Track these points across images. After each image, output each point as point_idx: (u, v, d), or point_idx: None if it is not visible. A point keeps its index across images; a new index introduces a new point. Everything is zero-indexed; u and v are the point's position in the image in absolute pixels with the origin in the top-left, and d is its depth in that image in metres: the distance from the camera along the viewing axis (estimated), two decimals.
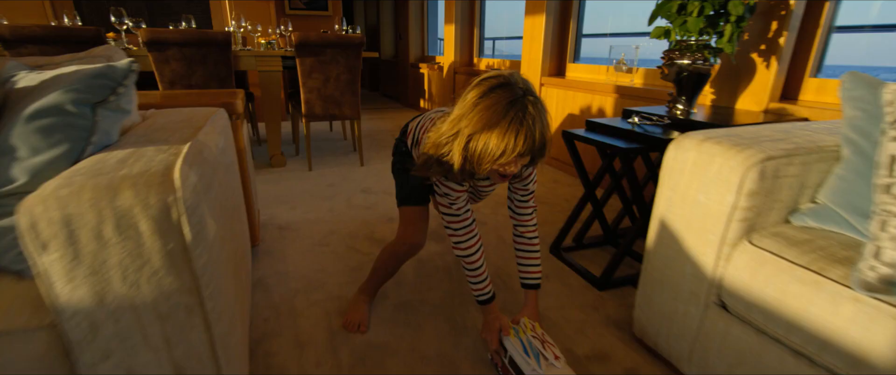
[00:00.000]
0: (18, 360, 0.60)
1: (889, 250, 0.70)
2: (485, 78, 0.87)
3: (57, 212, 0.55)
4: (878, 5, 1.69)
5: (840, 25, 1.64)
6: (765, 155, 0.85)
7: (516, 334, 1.01)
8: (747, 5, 1.36)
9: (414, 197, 1.16)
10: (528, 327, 1.03)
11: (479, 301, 1.08)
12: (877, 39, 1.77)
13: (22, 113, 0.71)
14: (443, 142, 0.89)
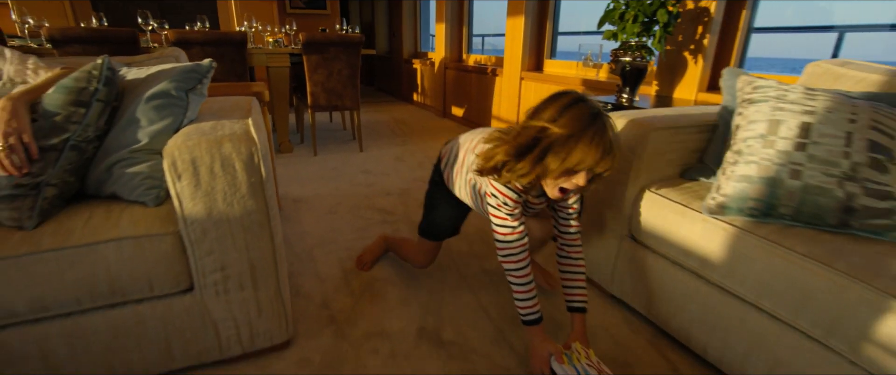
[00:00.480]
0: (154, 255, 0.94)
1: (724, 186, 1.06)
2: (563, 93, 0.91)
3: (187, 155, 0.89)
4: (794, 7, 2.05)
5: (759, 27, 2.00)
6: (654, 126, 1.20)
7: (570, 361, 0.94)
8: (672, 13, 1.71)
9: (434, 234, 1.31)
10: (582, 353, 0.95)
11: (525, 321, 1.03)
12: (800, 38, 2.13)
13: (142, 96, 1.04)
14: (521, 148, 0.89)
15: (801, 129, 1.01)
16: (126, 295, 0.94)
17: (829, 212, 0.95)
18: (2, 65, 1.13)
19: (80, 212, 0.98)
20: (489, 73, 3.78)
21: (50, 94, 0.97)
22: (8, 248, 0.85)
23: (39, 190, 0.94)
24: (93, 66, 1.00)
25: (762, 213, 1.01)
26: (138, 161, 1.02)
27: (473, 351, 1.17)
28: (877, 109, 1.01)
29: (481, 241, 1.81)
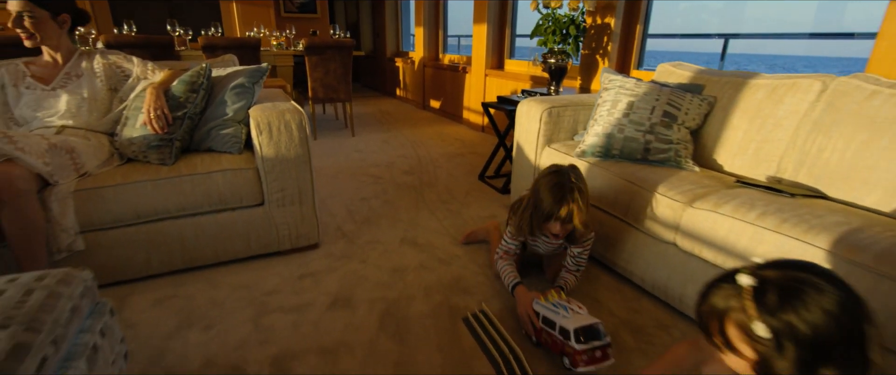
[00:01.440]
0: (243, 180, 1.58)
1: (586, 141, 1.75)
2: (550, 166, 1.36)
3: (265, 120, 1.53)
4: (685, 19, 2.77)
5: (654, 34, 2.71)
6: (550, 105, 1.89)
7: (546, 299, 1.23)
8: (580, 28, 2.40)
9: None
10: (553, 295, 1.24)
11: (510, 287, 1.39)
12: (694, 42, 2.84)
13: (227, 86, 1.67)
14: (524, 203, 1.40)
15: (628, 105, 1.71)
16: (227, 205, 1.59)
17: (637, 151, 1.65)
18: (131, 68, 1.75)
19: (195, 158, 1.61)
20: (461, 71, 4.44)
21: (175, 85, 1.60)
22: (162, 174, 1.49)
23: (172, 143, 1.57)
24: (200, 68, 1.64)
25: (603, 154, 1.70)
26: (227, 126, 1.66)
27: (436, 248, 1.84)
28: (672, 93, 1.71)
29: (447, 191, 2.47)
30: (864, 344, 0.53)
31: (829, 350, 0.52)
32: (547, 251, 1.56)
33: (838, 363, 0.52)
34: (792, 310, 0.54)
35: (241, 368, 1.16)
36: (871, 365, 0.53)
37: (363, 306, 1.43)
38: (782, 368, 0.54)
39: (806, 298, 0.53)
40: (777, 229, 1.12)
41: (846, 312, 0.53)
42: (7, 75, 1.61)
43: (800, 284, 0.55)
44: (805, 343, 0.53)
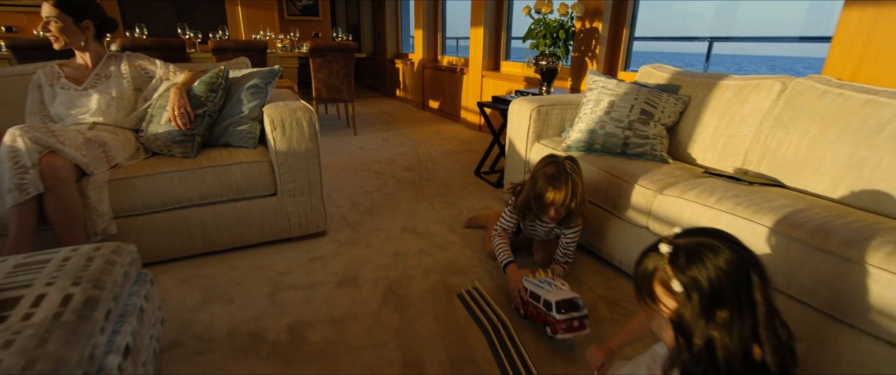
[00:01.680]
0: (258, 172, 1.74)
1: (571, 136, 1.91)
2: (548, 156, 1.49)
3: (278, 116, 1.69)
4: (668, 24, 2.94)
5: (641, 37, 2.87)
6: (539, 104, 2.05)
7: (534, 276, 1.38)
8: (569, 32, 2.56)
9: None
10: (541, 273, 1.39)
11: (503, 264, 1.53)
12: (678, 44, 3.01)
13: (242, 86, 1.83)
14: (525, 187, 1.53)
15: (609, 104, 1.87)
16: (243, 194, 1.74)
17: (616, 146, 1.81)
18: (155, 70, 1.91)
19: (215, 152, 1.77)
20: (459, 72, 4.60)
21: (196, 86, 1.76)
22: (185, 166, 1.65)
23: (194, 138, 1.73)
24: (219, 70, 1.79)
25: (586, 149, 1.86)
26: (242, 123, 1.82)
27: (434, 235, 1.99)
28: (650, 92, 1.87)
29: (444, 186, 2.63)
30: (751, 289, 0.68)
31: (722, 296, 0.68)
32: (541, 235, 1.71)
33: (730, 305, 0.68)
34: (695, 269, 0.69)
35: (261, 335, 1.31)
36: (756, 304, 0.68)
37: (368, 284, 1.59)
38: (690, 313, 0.70)
39: (705, 258, 0.69)
40: (732, 211, 1.28)
41: (734, 266, 0.68)
42: (44, 76, 1.76)
43: (701, 248, 0.70)
44: (705, 292, 0.68)
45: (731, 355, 0.67)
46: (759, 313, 0.68)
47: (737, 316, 0.67)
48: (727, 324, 0.67)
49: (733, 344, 0.67)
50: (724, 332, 0.67)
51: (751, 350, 0.68)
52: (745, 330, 0.67)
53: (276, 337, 1.30)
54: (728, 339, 0.67)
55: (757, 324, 0.68)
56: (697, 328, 0.69)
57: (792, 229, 1.14)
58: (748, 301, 0.68)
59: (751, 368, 0.69)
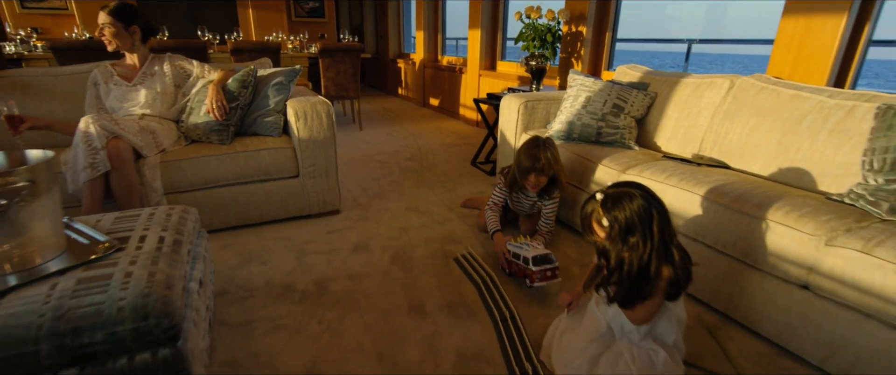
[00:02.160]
0: (283, 157, 2.02)
1: (553, 127, 2.20)
2: (529, 137, 1.83)
3: (301, 108, 1.98)
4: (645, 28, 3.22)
5: (624, 38, 3.16)
6: (526, 100, 2.34)
7: (515, 240, 1.66)
8: (555, 35, 2.84)
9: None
10: (520, 238, 1.66)
11: (491, 232, 1.84)
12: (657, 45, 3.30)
13: (269, 83, 2.12)
14: (512, 165, 1.85)
15: (586, 99, 2.15)
16: (270, 176, 2.03)
17: (591, 135, 2.10)
18: (192, 69, 2.20)
19: (246, 139, 2.06)
20: (457, 71, 4.89)
21: (230, 83, 2.05)
22: (222, 151, 1.93)
23: (229, 127, 2.02)
24: (249, 70, 2.08)
25: (565, 137, 2.15)
26: (269, 115, 2.11)
27: (434, 214, 2.28)
28: (622, 89, 2.16)
29: (443, 174, 2.92)
30: (652, 224, 0.97)
31: (632, 228, 0.97)
32: (526, 209, 2.00)
33: (638, 234, 0.97)
34: (617, 209, 0.98)
35: (293, 286, 1.60)
36: (654, 234, 0.97)
37: (378, 251, 1.88)
38: (611, 240, 0.99)
39: (624, 203, 0.98)
40: (677, 185, 1.56)
41: (642, 209, 0.97)
42: (100, 75, 2.05)
43: (622, 196, 0.99)
44: (622, 225, 0.98)
45: (633, 269, 0.97)
46: (656, 240, 0.97)
47: (641, 242, 0.97)
48: (634, 247, 0.97)
49: (636, 261, 0.96)
50: (632, 253, 0.97)
51: (649, 266, 0.98)
52: (645, 253, 0.96)
53: (305, 288, 1.59)
54: (634, 258, 0.97)
55: (653, 248, 0.97)
56: (615, 250, 0.98)
57: (720, 197, 1.43)
58: (650, 232, 0.97)
59: (646, 279, 0.98)
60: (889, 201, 1.27)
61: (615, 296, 1.03)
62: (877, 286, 1.06)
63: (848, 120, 1.51)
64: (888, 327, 1.07)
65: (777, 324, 1.29)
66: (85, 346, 0.83)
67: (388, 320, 1.42)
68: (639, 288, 1.00)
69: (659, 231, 0.98)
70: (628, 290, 1.01)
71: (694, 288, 1.54)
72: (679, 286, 1.01)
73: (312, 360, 1.24)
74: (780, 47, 1.96)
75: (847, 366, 1.15)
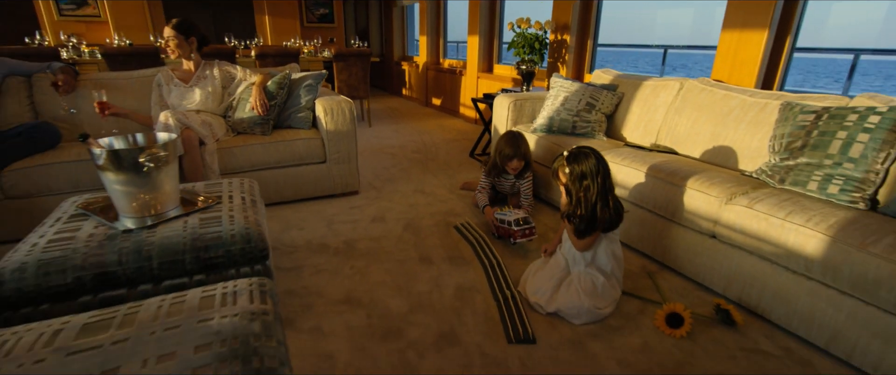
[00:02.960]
0: (313, 145, 2.46)
1: (537, 122, 2.63)
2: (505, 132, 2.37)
3: (328, 105, 2.42)
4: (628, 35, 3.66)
5: (602, 43, 3.59)
6: (515, 99, 2.78)
7: (500, 209, 2.09)
8: (543, 43, 3.28)
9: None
10: (505, 209, 2.08)
11: (481, 207, 2.30)
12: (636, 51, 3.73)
13: (300, 85, 2.56)
14: (492, 154, 2.37)
15: (564, 98, 2.59)
16: (303, 161, 2.47)
17: (567, 128, 2.53)
18: (236, 73, 2.64)
19: (283, 131, 2.50)
20: (458, 74, 5.32)
21: (269, 84, 2.49)
22: (264, 140, 2.37)
23: (269, 121, 2.46)
24: (285, 74, 2.52)
25: (546, 130, 2.58)
26: (301, 111, 2.55)
27: (437, 195, 2.71)
28: (595, 90, 2.59)
29: (445, 164, 3.35)
30: (597, 175, 1.42)
31: (585, 175, 1.42)
32: (507, 189, 2.44)
33: (589, 180, 1.41)
34: (575, 163, 1.43)
35: (327, 244, 2.04)
36: (599, 182, 1.41)
37: (392, 221, 2.31)
38: (572, 183, 1.44)
39: (581, 158, 1.43)
40: (628, 165, 1.99)
41: (593, 164, 1.42)
42: (162, 77, 2.49)
43: (581, 154, 1.45)
44: (577, 173, 1.42)
45: (589, 204, 1.41)
46: (599, 186, 1.42)
47: (591, 185, 1.41)
48: (586, 189, 1.41)
49: (588, 199, 1.41)
50: (585, 193, 1.41)
51: (596, 206, 1.42)
52: (592, 194, 1.41)
53: (337, 246, 2.03)
54: (589, 196, 1.41)
55: (598, 192, 1.42)
56: (574, 189, 1.43)
57: (656, 172, 1.86)
58: (596, 179, 1.41)
59: (594, 217, 1.43)
60: (780, 174, 1.70)
61: (577, 227, 1.47)
62: (756, 231, 1.49)
63: (761, 114, 1.94)
64: (764, 260, 1.50)
65: (694, 265, 1.73)
66: (211, 259, 1.26)
67: (403, 266, 1.86)
68: (589, 223, 1.44)
69: (602, 180, 1.42)
70: (586, 223, 1.45)
71: (639, 244, 1.97)
72: (613, 223, 1.45)
73: (349, 291, 1.68)
74: (721, 55, 2.39)
75: (738, 290, 1.59)
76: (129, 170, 1.28)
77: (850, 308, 1.30)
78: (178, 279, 1.24)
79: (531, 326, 1.47)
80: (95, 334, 0.81)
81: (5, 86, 2.28)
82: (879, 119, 1.54)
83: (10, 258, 1.14)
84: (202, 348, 0.77)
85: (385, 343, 1.40)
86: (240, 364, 0.74)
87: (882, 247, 1.22)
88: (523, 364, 1.32)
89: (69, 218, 1.35)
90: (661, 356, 1.36)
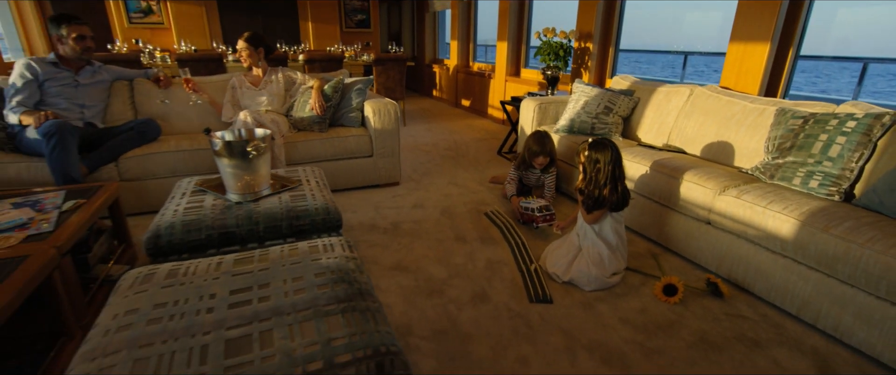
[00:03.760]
0: (362, 141, 2.84)
1: (560, 123, 2.94)
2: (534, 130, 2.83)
3: (376, 107, 2.80)
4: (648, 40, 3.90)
5: (625, 49, 3.86)
6: (540, 102, 3.09)
7: (525, 199, 2.43)
8: (567, 50, 3.57)
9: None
10: (529, 199, 2.40)
11: (508, 196, 2.64)
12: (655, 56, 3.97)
13: (351, 88, 2.95)
14: (521, 150, 2.79)
15: (585, 102, 2.89)
16: (353, 155, 2.86)
17: (588, 129, 2.83)
18: (296, 77, 3.05)
19: (337, 129, 2.89)
20: (486, 77, 5.65)
21: (325, 88, 2.88)
22: (322, 136, 2.77)
23: (325, 120, 2.86)
24: (339, 79, 2.91)
25: (568, 131, 2.89)
26: (352, 112, 2.93)
27: (469, 187, 3.05)
28: (613, 95, 2.88)
29: (474, 160, 3.68)
30: (611, 161, 1.74)
31: (600, 159, 1.74)
32: (533, 182, 2.76)
33: (602, 162, 1.74)
34: (594, 150, 1.76)
35: (377, 225, 2.41)
36: (612, 166, 1.73)
37: (430, 208, 2.67)
38: (588, 164, 1.77)
39: (599, 147, 1.76)
40: (638, 162, 2.28)
41: (609, 150, 1.74)
42: (237, 81, 2.92)
43: (600, 142, 1.77)
44: (595, 157, 1.75)
45: (601, 184, 1.74)
46: (609, 173, 1.74)
47: (602, 169, 1.74)
48: (597, 172, 1.74)
49: (597, 180, 1.73)
50: (596, 174, 1.74)
51: (605, 187, 1.74)
52: (601, 177, 1.73)
53: (385, 226, 2.40)
54: (596, 177, 1.73)
55: (608, 175, 1.73)
56: (588, 169, 1.76)
57: (660, 167, 2.15)
58: (607, 166, 1.74)
59: (602, 197, 1.74)
60: (771, 171, 1.97)
61: (584, 202, 1.79)
62: (742, 217, 1.77)
63: (759, 118, 2.20)
64: (749, 242, 1.78)
65: (691, 248, 2.01)
66: (301, 225, 1.64)
67: (441, 244, 2.21)
68: (596, 201, 1.76)
69: (613, 168, 1.74)
70: (593, 201, 1.77)
71: (645, 230, 2.26)
72: (618, 205, 1.76)
73: (398, 261, 2.04)
74: (728, 64, 2.64)
75: (728, 268, 1.87)
76: (238, 157, 1.67)
77: (815, 280, 1.57)
78: (277, 241, 1.62)
79: (549, 291, 1.79)
80: (244, 265, 1.19)
81: (113, 89, 2.74)
82: (855, 124, 1.79)
83: (160, 220, 1.55)
84: (319, 274, 1.13)
85: (430, 299, 1.75)
86: (346, 285, 1.10)
87: (841, 230, 1.49)
88: (542, 319, 1.64)
89: (192, 193, 1.76)
90: (656, 316, 1.66)
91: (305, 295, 1.04)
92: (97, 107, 2.57)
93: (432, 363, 1.42)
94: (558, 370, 1.39)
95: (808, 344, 1.53)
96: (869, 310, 1.42)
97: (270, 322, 0.95)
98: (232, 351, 0.87)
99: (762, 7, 2.42)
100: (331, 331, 0.92)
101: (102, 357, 0.85)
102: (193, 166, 2.50)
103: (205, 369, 0.82)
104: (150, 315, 0.98)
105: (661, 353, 1.47)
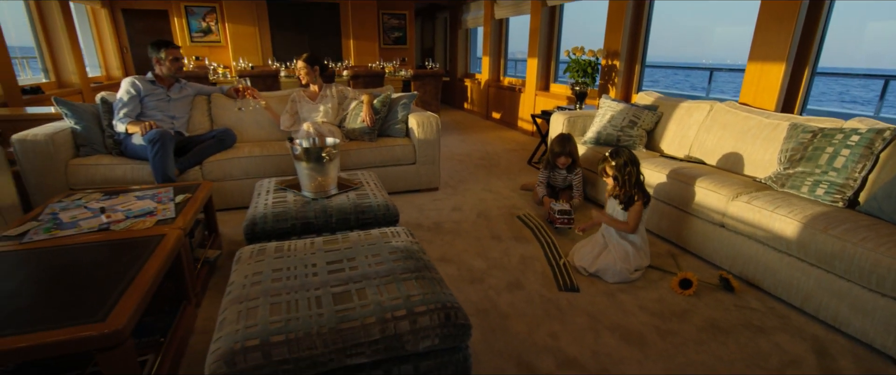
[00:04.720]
0: (406, 150, 3.17)
1: (587, 135, 3.19)
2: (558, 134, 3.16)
3: (420, 119, 3.12)
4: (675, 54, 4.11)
5: (651, 64, 4.08)
6: (569, 115, 3.36)
7: (555, 202, 2.69)
8: (595, 67, 3.83)
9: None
10: (562, 201, 2.77)
11: (540, 198, 2.92)
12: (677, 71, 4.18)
13: (398, 103, 3.29)
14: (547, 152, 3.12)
15: (611, 116, 3.13)
16: (398, 162, 3.18)
17: (613, 140, 3.07)
18: (348, 92, 3.42)
19: (384, 139, 3.24)
20: (517, 91, 5.93)
21: (375, 102, 3.24)
22: (372, 145, 3.11)
23: (375, 131, 3.20)
24: (387, 94, 3.26)
25: (595, 143, 3.13)
26: (398, 123, 3.27)
27: (501, 193, 3.33)
28: (637, 110, 3.11)
29: (506, 169, 3.95)
30: (633, 167, 1.99)
31: (623, 166, 2.00)
32: (560, 183, 3.02)
33: (627, 169, 1.99)
34: (618, 157, 2.01)
35: (421, 223, 2.71)
36: (633, 171, 1.99)
37: (467, 210, 2.96)
38: (616, 172, 2.03)
39: (619, 154, 2.01)
40: (657, 170, 2.51)
41: (628, 158, 1.99)
42: (296, 95, 3.31)
43: (618, 151, 2.03)
44: (620, 165, 2.01)
45: (629, 187, 1.99)
46: (636, 170, 1.99)
47: (629, 173, 1.99)
48: (629, 174, 2.00)
49: (629, 183, 1.99)
50: (629, 177, 2.00)
51: (633, 188, 1.99)
52: (629, 182, 1.99)
53: (428, 225, 2.70)
54: (630, 180, 1.99)
55: (631, 180, 1.99)
56: (621, 174, 2.02)
57: (676, 175, 2.37)
58: (631, 169, 1.99)
59: (631, 198, 2.00)
60: (782, 180, 2.17)
61: (623, 200, 2.05)
62: (752, 220, 1.98)
63: (774, 132, 2.40)
64: (758, 242, 1.98)
65: (707, 249, 2.22)
66: (366, 219, 1.96)
67: (479, 241, 2.49)
68: (630, 199, 2.01)
69: (635, 170, 2.00)
70: (626, 198, 2.02)
71: (665, 233, 2.47)
72: (648, 199, 2.02)
73: (442, 254, 2.33)
74: (747, 83, 2.84)
75: (740, 266, 2.07)
76: (314, 161, 2.01)
77: (816, 276, 1.77)
78: (346, 232, 1.94)
79: (576, 282, 2.05)
80: (332, 245, 1.50)
81: (194, 103, 3.17)
82: (859, 138, 1.98)
83: (254, 211, 1.90)
84: (392, 252, 1.44)
85: (472, 285, 2.03)
86: (414, 261, 1.40)
87: (839, 231, 1.69)
88: (570, 304, 1.89)
89: (275, 191, 2.11)
90: (672, 305, 1.89)
91: (384, 267, 1.35)
92: (183, 118, 2.99)
93: (477, 334, 1.69)
94: (584, 344, 1.64)
95: (808, 332, 1.73)
96: (862, 302, 1.62)
97: (362, 284, 1.25)
98: (338, 301, 1.17)
99: (778, 29, 2.62)
100: (408, 291, 1.22)
101: (247, 302, 1.18)
102: (263, 169, 2.88)
103: (322, 310, 1.13)
104: (271, 277, 1.30)
105: (674, 334, 1.70)
